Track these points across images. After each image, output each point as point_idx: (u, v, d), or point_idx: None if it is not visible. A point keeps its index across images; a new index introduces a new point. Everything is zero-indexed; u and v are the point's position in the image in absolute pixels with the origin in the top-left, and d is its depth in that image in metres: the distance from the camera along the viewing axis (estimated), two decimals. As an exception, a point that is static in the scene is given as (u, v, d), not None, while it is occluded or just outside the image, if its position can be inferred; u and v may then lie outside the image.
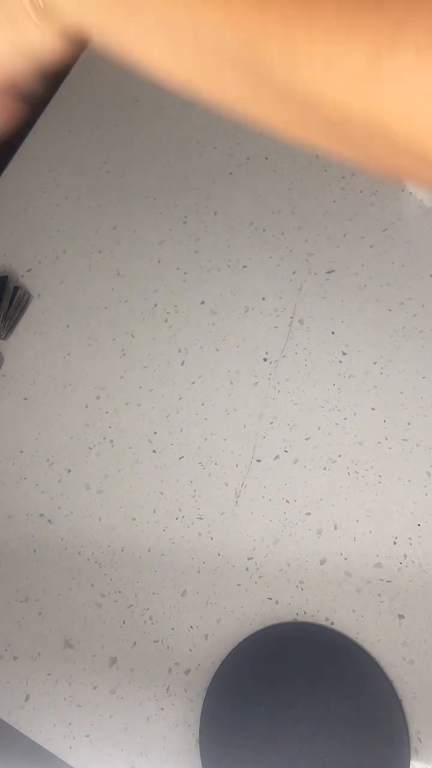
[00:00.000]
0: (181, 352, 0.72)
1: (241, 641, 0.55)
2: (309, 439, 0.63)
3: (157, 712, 0.55)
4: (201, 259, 0.78)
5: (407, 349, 0.65)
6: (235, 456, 0.64)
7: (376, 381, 0.64)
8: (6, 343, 0.79)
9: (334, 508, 0.59)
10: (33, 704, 0.58)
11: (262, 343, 0.70)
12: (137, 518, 0.64)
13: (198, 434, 0.66)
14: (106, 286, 0.80)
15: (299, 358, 0.68)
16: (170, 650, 0.57)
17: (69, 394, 0.73)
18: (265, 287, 0.73)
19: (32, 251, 0.86)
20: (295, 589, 0.57)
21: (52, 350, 0.77)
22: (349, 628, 0.55)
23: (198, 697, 0.55)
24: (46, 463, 0.69)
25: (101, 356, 0.75)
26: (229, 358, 0.70)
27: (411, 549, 0.56)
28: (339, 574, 0.57)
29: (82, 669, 0.58)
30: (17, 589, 0.63)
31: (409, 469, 0.59)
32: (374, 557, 0.57)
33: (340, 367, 0.66)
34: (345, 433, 0.62)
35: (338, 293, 0.70)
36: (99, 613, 0.60)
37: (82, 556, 0.63)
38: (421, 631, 0.53)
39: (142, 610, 0.59)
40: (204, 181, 0.85)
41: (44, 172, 0.94)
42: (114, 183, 0.89)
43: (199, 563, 0.60)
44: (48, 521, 0.66)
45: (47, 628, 0.61)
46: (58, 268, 0.84)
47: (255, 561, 0.59)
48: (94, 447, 0.69)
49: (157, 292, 0.77)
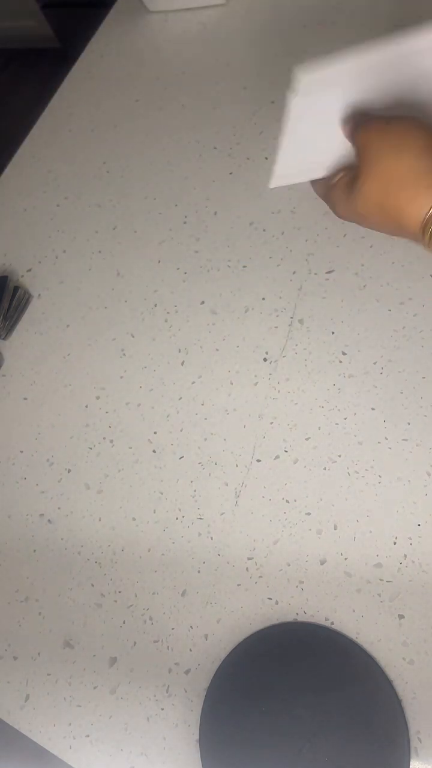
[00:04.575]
0: (181, 352, 0.72)
1: (241, 641, 0.55)
2: (309, 439, 0.63)
3: (157, 712, 0.55)
4: (201, 259, 0.78)
5: (407, 349, 0.65)
6: (235, 456, 0.64)
7: (376, 381, 0.64)
8: (6, 343, 0.79)
9: (334, 508, 0.59)
10: (33, 704, 0.58)
11: (262, 343, 0.70)
12: (137, 518, 0.64)
13: (198, 434, 0.66)
14: (106, 286, 0.80)
15: (299, 358, 0.68)
16: (170, 650, 0.57)
17: (69, 394, 0.73)
18: (265, 287, 0.73)
19: (32, 251, 0.86)
20: (295, 589, 0.57)
21: (52, 350, 0.77)
22: (349, 628, 0.54)
23: (198, 697, 0.55)
24: (46, 463, 0.69)
25: (101, 356, 0.75)
26: (229, 358, 0.70)
27: (411, 549, 0.56)
28: (339, 574, 0.57)
29: (82, 669, 0.58)
30: (17, 589, 0.63)
31: (409, 469, 0.59)
32: (374, 557, 0.57)
33: (340, 367, 0.66)
34: (345, 433, 0.62)
35: (338, 293, 0.70)
36: (99, 613, 0.60)
37: (82, 556, 0.63)
38: (421, 631, 0.53)
39: (142, 610, 0.59)
40: (204, 181, 0.85)
41: (44, 172, 0.94)
42: (114, 183, 0.89)
43: (199, 563, 0.60)
44: (48, 521, 0.66)
45: (47, 628, 0.61)
46: (58, 268, 0.84)
47: (255, 561, 0.59)
48: (94, 447, 0.69)
49: (157, 292, 0.77)
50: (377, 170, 0.38)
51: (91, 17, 1.13)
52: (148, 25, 1.06)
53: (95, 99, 1.00)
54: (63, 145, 0.96)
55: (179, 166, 0.87)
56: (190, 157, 0.87)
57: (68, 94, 1.02)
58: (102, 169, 0.91)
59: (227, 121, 0.89)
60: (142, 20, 1.07)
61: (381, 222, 0.40)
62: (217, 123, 0.89)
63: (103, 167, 0.91)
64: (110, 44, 1.06)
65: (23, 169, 0.95)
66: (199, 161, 0.86)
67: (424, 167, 0.36)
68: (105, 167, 0.91)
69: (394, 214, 0.38)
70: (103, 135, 0.95)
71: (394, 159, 0.37)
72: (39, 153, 0.96)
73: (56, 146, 0.96)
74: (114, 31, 1.08)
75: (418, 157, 0.36)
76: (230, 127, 0.88)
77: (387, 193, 0.37)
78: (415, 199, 0.36)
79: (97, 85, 1.02)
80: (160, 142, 0.91)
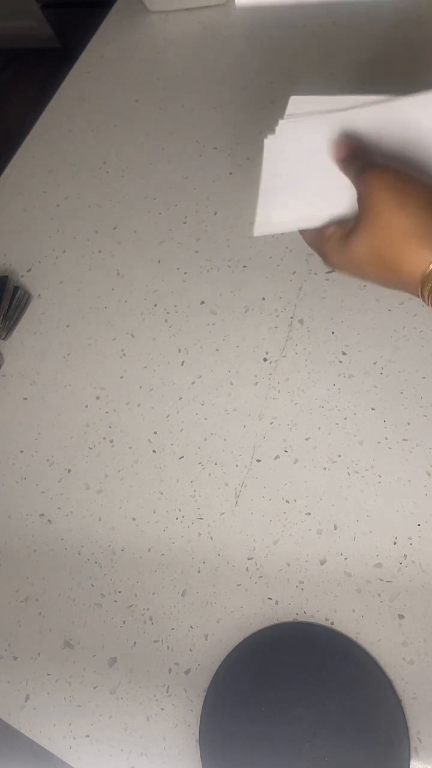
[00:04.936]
0: (181, 352, 0.72)
1: (241, 641, 0.55)
2: (309, 439, 0.63)
3: (157, 712, 0.55)
4: (201, 259, 0.78)
5: (407, 349, 0.65)
6: (235, 456, 0.64)
7: (376, 381, 0.64)
8: (6, 343, 0.79)
9: (334, 508, 0.59)
10: (33, 704, 0.58)
11: (262, 343, 0.70)
12: (137, 518, 0.64)
13: (198, 434, 0.66)
14: (106, 286, 0.80)
15: (299, 358, 0.68)
16: (170, 650, 0.57)
17: (69, 394, 0.73)
18: (265, 287, 0.73)
19: (32, 251, 0.86)
20: (295, 589, 0.57)
21: (52, 350, 0.77)
22: (349, 628, 0.54)
23: (198, 697, 0.55)
24: (46, 463, 0.69)
25: (101, 356, 0.75)
26: (229, 358, 0.70)
27: (411, 549, 0.56)
28: (339, 574, 0.57)
29: (82, 669, 0.58)
30: (17, 589, 0.63)
31: (409, 469, 0.59)
32: (374, 557, 0.57)
33: (340, 367, 0.66)
34: (345, 433, 0.62)
35: (338, 293, 0.70)
36: (99, 613, 0.60)
37: (82, 556, 0.63)
38: (421, 631, 0.53)
39: (142, 610, 0.59)
40: (204, 181, 0.85)
41: (44, 172, 0.94)
42: (114, 183, 0.89)
43: (199, 563, 0.60)
44: (48, 521, 0.66)
45: (47, 628, 0.61)
46: (58, 268, 0.84)
47: (255, 561, 0.59)
48: (94, 447, 0.69)
49: (157, 292, 0.77)
50: (382, 220, 0.38)
51: (91, 17, 1.13)
52: (148, 25, 1.06)
53: (95, 99, 1.00)
54: (63, 145, 0.96)
55: (179, 166, 0.87)
56: (190, 157, 0.87)
57: (68, 94, 1.02)
58: (102, 169, 0.91)
59: (227, 121, 0.89)
60: (142, 20, 1.07)
61: (378, 273, 0.40)
62: (217, 123, 0.89)
63: (103, 167, 0.91)
64: (110, 44, 1.06)
65: (23, 169, 0.95)
66: (199, 161, 0.86)
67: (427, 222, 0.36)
68: (105, 167, 0.91)
69: (393, 266, 0.38)
70: (103, 135, 0.95)
71: (399, 211, 0.37)
72: (39, 153, 0.96)
73: (56, 146, 0.96)
74: (114, 31, 1.08)
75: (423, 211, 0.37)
76: (230, 127, 0.88)
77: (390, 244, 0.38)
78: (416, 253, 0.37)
79: (97, 85, 1.02)
80: (160, 142, 0.91)
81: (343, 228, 0.43)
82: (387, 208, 0.38)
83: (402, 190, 0.38)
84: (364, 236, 0.39)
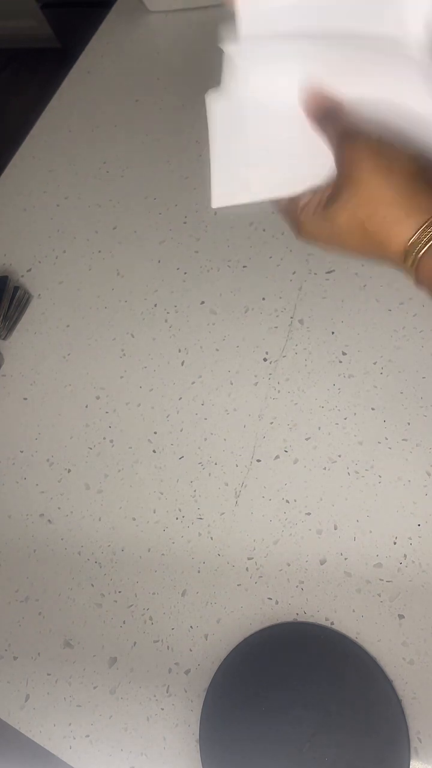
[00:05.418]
0: (181, 352, 0.72)
1: (241, 641, 0.55)
2: (309, 439, 0.63)
3: (157, 712, 0.55)
4: (201, 259, 0.78)
5: (407, 349, 0.65)
6: (235, 456, 0.64)
7: (376, 381, 0.64)
8: (6, 343, 0.79)
9: (334, 508, 0.59)
10: (33, 704, 0.58)
11: (262, 343, 0.70)
12: (137, 518, 0.64)
13: (198, 434, 0.66)
14: (106, 286, 0.80)
15: (299, 358, 0.68)
16: (170, 650, 0.57)
17: (69, 394, 0.73)
18: (265, 287, 0.73)
19: (32, 251, 0.86)
20: (295, 589, 0.57)
21: (52, 350, 0.77)
22: (349, 628, 0.54)
23: (198, 697, 0.55)
24: (46, 463, 0.69)
25: (101, 356, 0.75)
26: (229, 358, 0.70)
27: (411, 549, 0.56)
28: (339, 574, 0.57)
29: (82, 669, 0.58)
30: (17, 589, 0.63)
31: (409, 469, 0.59)
32: (374, 557, 0.57)
33: (340, 367, 0.66)
34: (345, 433, 0.62)
35: (338, 293, 0.70)
36: (99, 613, 0.60)
37: (82, 556, 0.63)
38: (421, 631, 0.53)
39: (142, 610, 0.59)
40: (204, 181, 0.84)
41: (44, 172, 0.94)
42: (114, 183, 0.89)
43: (199, 563, 0.60)
44: (48, 521, 0.66)
45: (47, 628, 0.61)
46: (58, 268, 0.84)
47: (255, 561, 0.59)
48: (94, 447, 0.69)
49: (157, 292, 0.77)
50: (366, 190, 0.36)
51: (91, 17, 1.13)
52: (148, 25, 1.06)
53: (95, 99, 1.00)
54: (63, 145, 0.96)
55: (179, 166, 0.87)
56: (190, 157, 0.87)
57: (68, 94, 1.02)
58: (102, 169, 0.91)
59: (227, 121, 0.89)
60: (142, 20, 1.07)
61: (360, 244, 0.38)
62: (217, 123, 0.89)
63: (103, 167, 0.91)
64: (110, 44, 1.06)
65: (23, 169, 0.95)
66: (199, 161, 0.86)
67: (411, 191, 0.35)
68: (105, 167, 0.91)
69: (378, 237, 0.37)
70: (103, 135, 0.95)
71: (384, 180, 0.36)
72: (39, 153, 0.96)
73: (56, 146, 0.96)
74: (114, 31, 1.08)
75: (407, 180, 0.35)
76: (230, 127, 0.88)
77: (374, 214, 0.36)
78: (403, 222, 0.35)
79: (98, 85, 1.02)
80: (160, 142, 0.91)
81: (318, 196, 0.40)
82: (372, 176, 0.36)
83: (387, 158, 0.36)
84: (345, 206, 0.37)
